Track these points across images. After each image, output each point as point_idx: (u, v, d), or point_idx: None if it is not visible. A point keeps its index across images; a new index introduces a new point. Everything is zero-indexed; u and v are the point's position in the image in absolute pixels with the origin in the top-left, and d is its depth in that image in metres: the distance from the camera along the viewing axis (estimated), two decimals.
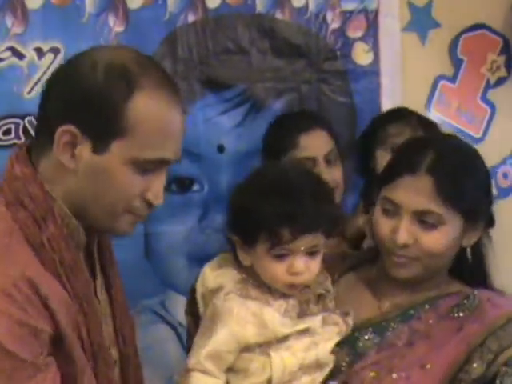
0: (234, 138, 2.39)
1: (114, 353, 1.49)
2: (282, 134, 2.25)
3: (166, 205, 2.30)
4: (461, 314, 1.64)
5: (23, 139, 2.22)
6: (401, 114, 2.38)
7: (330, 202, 1.61)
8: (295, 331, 1.55)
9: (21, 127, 2.23)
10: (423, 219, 1.60)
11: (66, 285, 1.34)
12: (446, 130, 2.48)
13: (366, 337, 1.66)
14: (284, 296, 1.57)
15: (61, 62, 2.21)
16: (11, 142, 2.22)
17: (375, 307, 1.71)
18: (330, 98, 2.47)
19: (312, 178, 1.62)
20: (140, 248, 2.34)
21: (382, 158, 2.31)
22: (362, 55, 2.52)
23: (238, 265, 1.60)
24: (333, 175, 2.22)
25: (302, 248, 1.54)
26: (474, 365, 1.58)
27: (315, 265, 1.57)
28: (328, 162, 2.24)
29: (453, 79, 2.65)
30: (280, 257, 1.54)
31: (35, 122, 1.44)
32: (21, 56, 2.20)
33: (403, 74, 2.56)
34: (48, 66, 2.21)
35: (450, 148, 1.67)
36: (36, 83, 2.21)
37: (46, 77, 2.19)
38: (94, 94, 1.33)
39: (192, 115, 2.34)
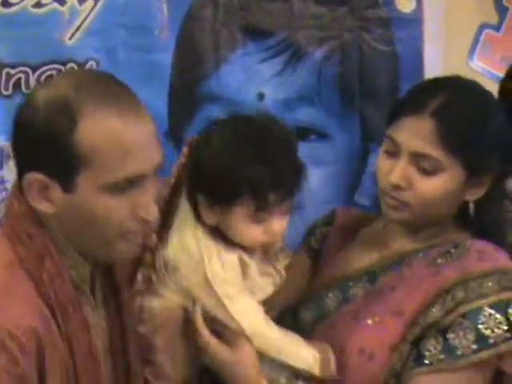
0: (274, 87, 2.36)
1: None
2: None
3: None
4: (443, 261, 1.58)
5: None
6: None
7: (298, 158, 1.58)
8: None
9: None
10: (421, 164, 1.55)
11: (59, 324, 1.33)
12: (488, 79, 2.45)
13: (360, 285, 1.65)
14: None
15: (101, 7, 2.19)
16: None
17: (376, 256, 1.69)
18: (371, 47, 2.43)
19: (288, 134, 1.58)
20: None
21: None
22: (404, 2, 2.47)
23: (201, 224, 1.57)
24: None
25: (283, 211, 1.54)
26: (434, 309, 1.52)
27: (286, 224, 1.58)
28: None
29: (497, 28, 2.59)
30: (259, 220, 1.53)
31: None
32: (62, 1, 2.19)
33: (446, 22, 2.50)
34: (89, 11, 2.20)
35: (463, 94, 1.60)
36: (77, 29, 2.19)
37: (86, 23, 2.18)
38: (42, 136, 1.30)
39: (232, 63, 2.33)
